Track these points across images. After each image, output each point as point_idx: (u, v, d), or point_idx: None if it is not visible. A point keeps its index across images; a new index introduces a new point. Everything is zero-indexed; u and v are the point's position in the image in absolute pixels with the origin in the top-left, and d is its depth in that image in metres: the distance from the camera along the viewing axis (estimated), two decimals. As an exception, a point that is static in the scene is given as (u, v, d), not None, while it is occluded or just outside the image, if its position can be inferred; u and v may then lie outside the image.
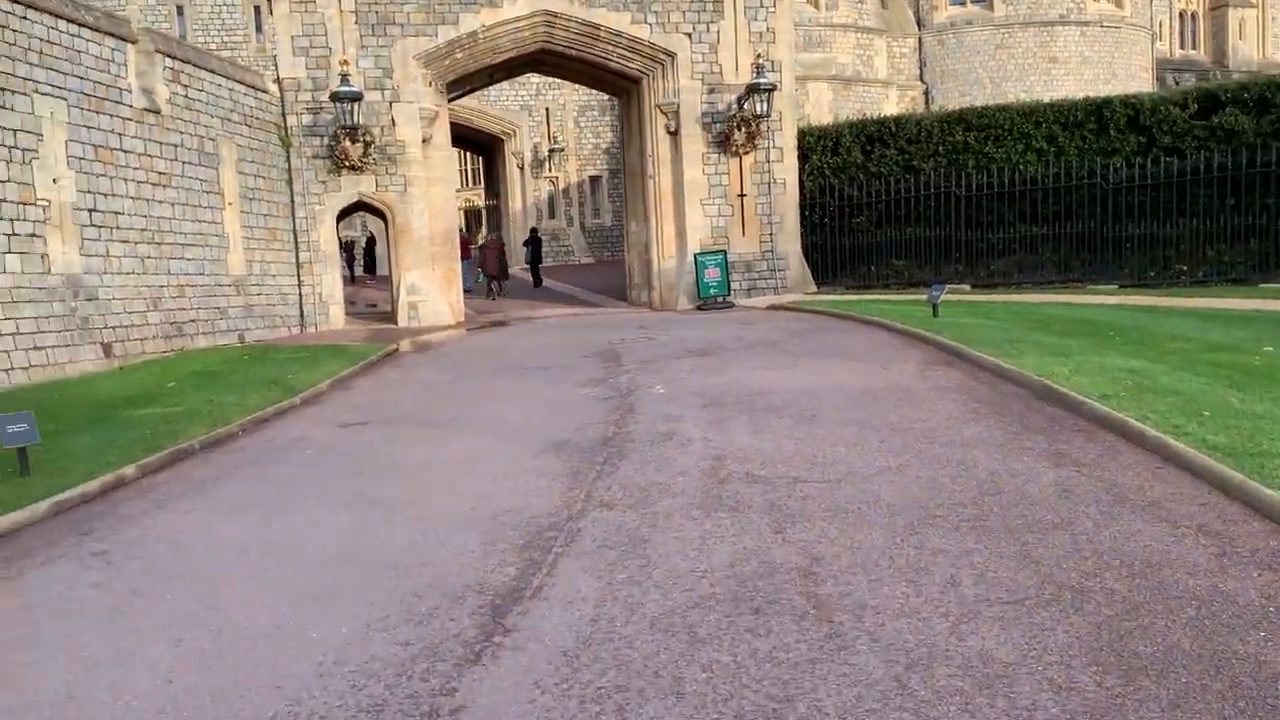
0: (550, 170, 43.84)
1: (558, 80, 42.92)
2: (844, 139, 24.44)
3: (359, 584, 5.36)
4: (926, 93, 42.79)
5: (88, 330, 15.27)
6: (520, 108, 43.59)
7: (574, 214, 44.73)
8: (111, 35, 16.52)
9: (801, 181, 24.25)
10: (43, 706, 4.05)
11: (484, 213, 52.07)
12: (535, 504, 6.75)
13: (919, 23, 43.15)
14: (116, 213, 16.42)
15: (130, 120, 16.90)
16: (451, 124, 43.22)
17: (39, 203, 14.52)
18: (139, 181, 17.09)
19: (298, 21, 21.97)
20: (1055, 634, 4.32)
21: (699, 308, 22.56)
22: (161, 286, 17.50)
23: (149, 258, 17.22)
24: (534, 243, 35.58)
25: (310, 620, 4.86)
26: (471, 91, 26.94)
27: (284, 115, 22.11)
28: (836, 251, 24.56)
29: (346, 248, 38.69)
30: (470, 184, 57.08)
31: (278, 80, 22.13)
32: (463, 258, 31.33)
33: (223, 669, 4.33)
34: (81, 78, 15.70)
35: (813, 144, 24.62)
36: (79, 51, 15.68)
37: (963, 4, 42.93)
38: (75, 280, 15.24)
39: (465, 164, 56.57)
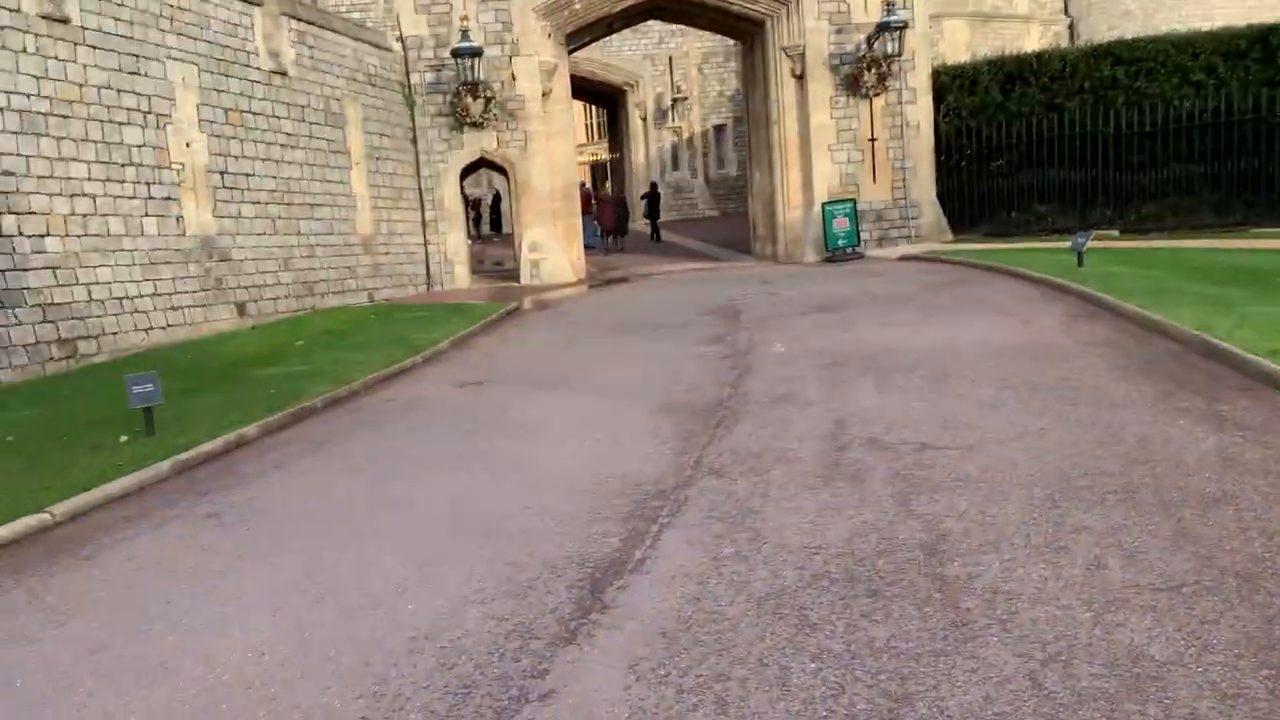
0: (673, 121, 43.23)
1: (680, 28, 42.20)
2: (981, 77, 23.12)
3: (460, 552, 5.21)
4: (1071, 27, 40.19)
5: (222, 290, 15.74)
6: (642, 57, 43.02)
7: (697, 165, 44.06)
8: (238, -1, 16.82)
9: (936, 124, 23.10)
10: (137, 675, 4.01)
11: (608, 166, 51.92)
12: (643, 469, 6.48)
13: (1064, -49, 40.47)
14: (247, 174, 16.81)
15: (258, 83, 17.23)
16: (573, 77, 43.13)
17: (173, 166, 14.94)
18: (268, 143, 17.44)
19: (419, -23, 22.01)
20: (1218, 629, 3.79)
21: (826, 260, 21.86)
22: (292, 247, 17.89)
23: (279, 218, 17.62)
24: (652, 197, 35.63)
25: (408, 591, 4.72)
26: (591, 42, 26.61)
27: (407, 74, 22.27)
28: (974, 197, 23.36)
29: (473, 205, 39.14)
30: (595, 138, 57.05)
31: (400, 38, 22.27)
32: (584, 213, 31.78)
33: (316, 642, 4.22)
34: (210, 42, 16.03)
35: (947, 84, 23.38)
36: (207, 16, 16.00)
37: (1113, -71, 40.02)
38: (209, 241, 15.69)
39: (590, 118, 56.48)
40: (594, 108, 55.53)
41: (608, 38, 42.04)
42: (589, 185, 46.06)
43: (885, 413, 7.43)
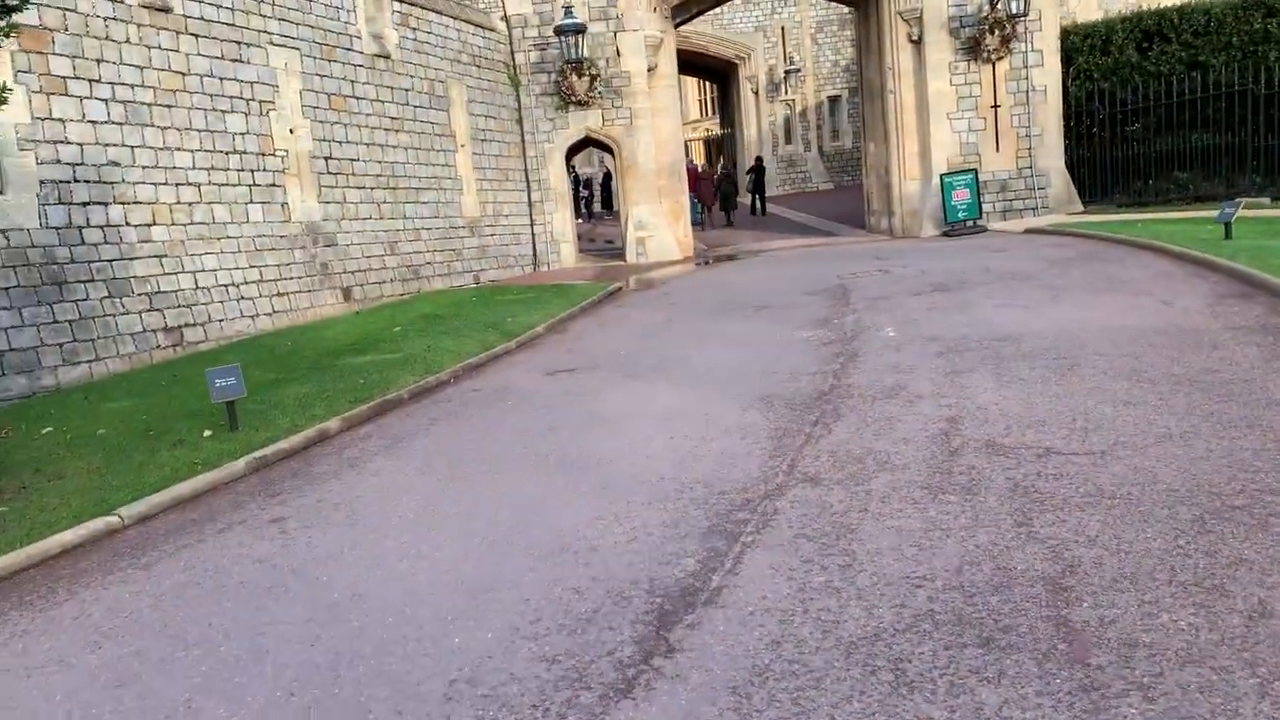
0: (786, 93, 42.07)
1: (793, -3, 41.04)
2: (1115, 36, 21.48)
3: (519, 573, 4.75)
4: (1218, -23, 37.38)
5: (327, 276, 15.75)
6: (754, 29, 41.96)
7: (810, 138, 42.83)
8: (339, -17, 16.73)
9: (1065, 88, 21.61)
10: (158, 713, 3.69)
11: (720, 142, 51.05)
12: (730, 474, 5.92)
13: (1209, -104, 37.57)
14: (351, 159, 16.78)
15: (361, 67, 17.16)
16: (684, 51, 42.55)
17: (277, 152, 14.96)
18: (372, 128, 17.39)
19: (522, -45, 21.66)
20: None
21: (945, 234, 20.75)
22: (398, 231, 17.85)
23: (384, 203, 17.57)
24: (757, 170, 35.52)
25: (456, 620, 4.29)
26: (699, 14, 25.85)
27: (512, 53, 22.00)
28: (1106, 165, 21.80)
29: (584, 185, 38.94)
30: (708, 114, 56.28)
31: (504, 18, 22.00)
32: (691, 190, 31.71)
33: (348, 681, 3.82)
34: (312, 27, 15.99)
35: (1078, 44, 21.82)
36: (309, 0, 15.96)
37: None
38: (314, 227, 15.71)
39: (703, 94, 55.68)
40: (706, 84, 54.74)
41: (717, 11, 41.33)
42: (697, 162, 45.39)
43: (1004, 409, 6.67)
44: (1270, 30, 19.53)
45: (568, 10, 20.67)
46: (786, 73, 41.70)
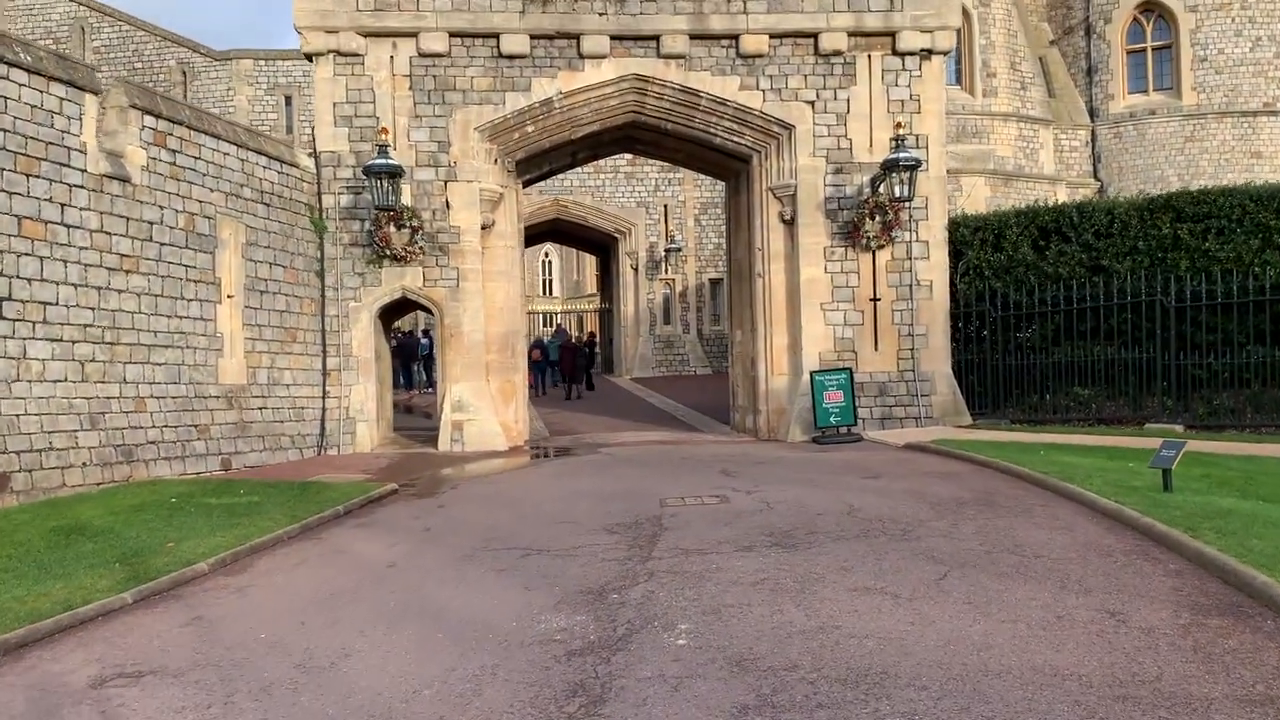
0: (666, 272, 39.71)
1: (679, 176, 39.19)
2: (1009, 232, 19.07)
3: None
4: (1101, 190, 37.01)
5: (-29, 456, 11.36)
6: (637, 204, 39.87)
7: (690, 320, 40.30)
8: (59, 81, 13.04)
9: (952, 284, 18.98)
10: None
11: (600, 317, 48.42)
12: None
13: (1092, 113, 37.59)
14: (45, 303, 12.71)
15: (81, 188, 13.32)
16: (563, 221, 40.10)
17: (-92, 286, 10.83)
18: (89, 264, 13.42)
19: (342, 86, 18.46)
20: None
21: (815, 440, 17.43)
22: (109, 399, 13.62)
23: (93, 360, 13.41)
24: (590, 345, 34.08)
25: None
26: (551, 174, 22.93)
27: (319, 195, 18.47)
28: (998, 373, 19.00)
29: (403, 349, 34.97)
30: (593, 288, 54.14)
31: (314, 154, 18.57)
32: (558, 360, 30.00)
33: None
34: (6, 130, 12.18)
35: (967, 237, 19.35)
36: (4, 97, 12.19)
37: (1145, 93, 37.23)
38: (-39, 389, 11.44)
39: (596, 269, 53.85)
40: (592, 258, 52.75)
41: (598, 183, 39.27)
42: (569, 330, 42.29)
43: None
44: (1181, 236, 17.26)
45: (382, 149, 17.35)
46: (668, 251, 39.47)
